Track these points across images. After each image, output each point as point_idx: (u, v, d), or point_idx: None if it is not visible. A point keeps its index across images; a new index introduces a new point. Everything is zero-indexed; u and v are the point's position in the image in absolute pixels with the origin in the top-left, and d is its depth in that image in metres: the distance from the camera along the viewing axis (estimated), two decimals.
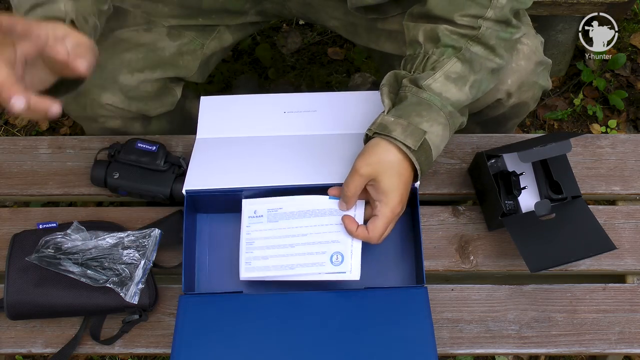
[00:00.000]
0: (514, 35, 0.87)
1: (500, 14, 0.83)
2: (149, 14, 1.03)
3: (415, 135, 0.80)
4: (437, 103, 0.82)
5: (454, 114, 0.84)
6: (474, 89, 0.85)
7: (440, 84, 0.83)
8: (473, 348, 0.88)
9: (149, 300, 0.87)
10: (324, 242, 0.87)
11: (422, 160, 0.81)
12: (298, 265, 0.86)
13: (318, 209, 0.88)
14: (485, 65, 0.85)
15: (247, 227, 0.89)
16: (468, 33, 0.83)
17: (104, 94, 0.99)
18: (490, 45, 0.84)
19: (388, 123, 0.81)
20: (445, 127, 0.83)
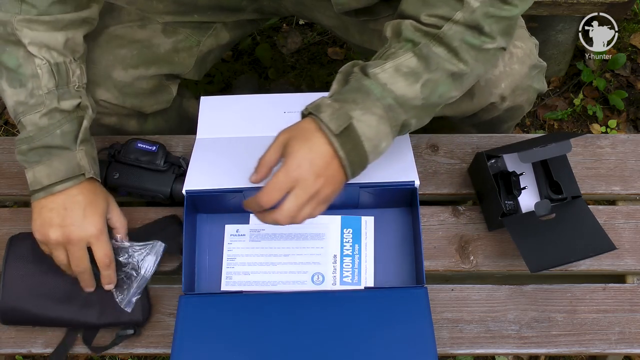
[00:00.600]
0: (486, 44, 0.80)
1: (471, 17, 0.77)
2: (144, 10, 1.03)
3: (340, 119, 0.75)
4: (377, 92, 0.77)
5: (394, 108, 0.78)
6: (427, 88, 0.79)
7: (389, 75, 0.78)
8: (473, 348, 0.87)
9: (142, 317, 0.87)
10: (305, 263, 0.89)
11: (348, 148, 0.76)
12: (280, 282, 0.89)
13: (300, 233, 0.92)
14: (444, 67, 0.79)
15: (228, 244, 0.92)
16: (430, 31, 0.78)
17: (98, 90, 0.99)
18: (453, 47, 0.78)
19: (322, 104, 0.77)
20: (381, 119, 0.77)
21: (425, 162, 1.01)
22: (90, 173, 0.83)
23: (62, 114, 0.83)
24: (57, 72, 0.83)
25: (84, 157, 0.83)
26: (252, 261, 0.91)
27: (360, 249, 0.92)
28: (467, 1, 0.77)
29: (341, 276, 0.90)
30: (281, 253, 0.91)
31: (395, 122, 0.79)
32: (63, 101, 0.83)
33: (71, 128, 0.83)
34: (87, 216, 0.82)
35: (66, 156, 0.82)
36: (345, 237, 0.92)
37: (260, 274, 0.90)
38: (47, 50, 0.82)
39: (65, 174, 0.82)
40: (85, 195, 0.83)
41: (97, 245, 0.83)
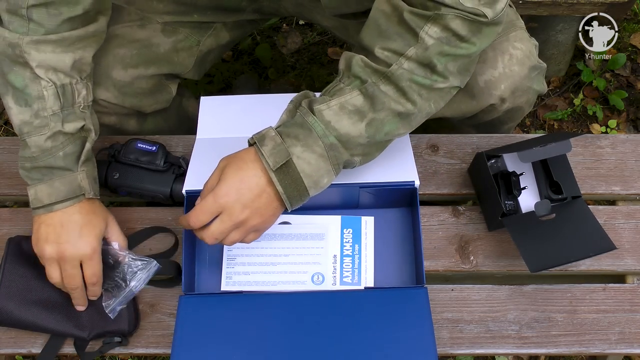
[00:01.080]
0: (437, 83, 0.78)
1: (424, 55, 0.75)
2: (143, 10, 1.03)
3: (279, 155, 0.76)
4: (319, 131, 0.76)
5: (335, 147, 0.77)
6: (372, 128, 0.78)
7: (333, 112, 0.77)
8: (473, 348, 0.87)
9: (127, 327, 0.87)
10: (305, 263, 0.89)
11: (286, 183, 0.77)
12: (280, 282, 0.89)
13: (300, 233, 0.92)
14: (390, 107, 0.77)
15: None
16: (380, 69, 0.77)
17: (98, 89, 0.99)
18: (400, 87, 0.77)
19: (267, 136, 0.77)
20: (321, 157, 0.77)
21: (425, 162, 1.01)
22: (90, 194, 0.85)
23: (65, 136, 0.84)
24: (62, 95, 0.83)
25: (85, 178, 0.85)
26: (252, 261, 0.91)
27: (360, 249, 0.92)
28: (422, 37, 0.75)
29: (341, 276, 0.90)
30: (281, 253, 0.91)
31: (336, 161, 0.78)
32: (67, 124, 0.84)
33: (74, 149, 0.84)
34: (82, 235, 0.83)
35: (68, 177, 0.84)
36: (345, 237, 0.92)
37: (260, 274, 0.90)
38: (54, 73, 0.83)
39: (66, 194, 0.83)
40: (83, 215, 0.84)
41: (88, 264, 0.84)
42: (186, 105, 1.25)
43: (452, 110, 1.04)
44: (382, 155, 0.92)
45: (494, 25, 0.77)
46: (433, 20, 0.74)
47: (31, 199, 0.84)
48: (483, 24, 0.75)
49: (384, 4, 0.78)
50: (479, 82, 0.97)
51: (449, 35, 0.75)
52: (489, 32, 0.77)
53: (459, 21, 0.74)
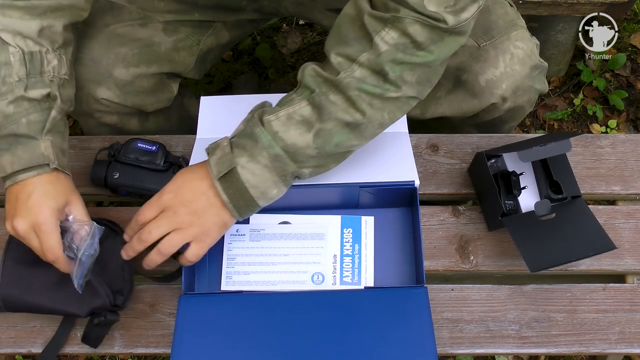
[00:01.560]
0: (389, 93, 0.75)
1: (376, 62, 0.73)
2: (144, 9, 1.03)
3: (224, 164, 0.77)
4: (265, 141, 0.76)
5: (281, 158, 0.77)
6: (320, 138, 0.77)
7: (281, 123, 0.77)
8: (473, 348, 0.87)
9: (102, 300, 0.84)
10: (305, 263, 0.89)
11: (230, 192, 0.77)
12: (280, 282, 0.89)
13: (300, 233, 0.92)
14: (337, 117, 0.76)
15: (228, 244, 0.92)
16: (329, 77, 0.75)
17: (99, 88, 0.99)
18: (348, 96, 0.75)
19: (220, 145, 0.79)
20: (266, 168, 0.77)
21: (425, 162, 1.01)
22: (54, 164, 0.80)
23: (30, 103, 0.80)
24: (29, 61, 0.80)
25: (50, 147, 0.80)
26: (252, 261, 0.91)
27: (360, 248, 0.92)
28: (376, 43, 0.73)
29: (341, 276, 0.90)
30: (281, 253, 0.91)
31: (282, 172, 0.78)
32: (32, 90, 0.80)
33: (39, 118, 0.81)
34: (31, 205, 0.78)
35: (30, 145, 0.79)
36: (345, 237, 0.92)
37: (260, 273, 0.90)
38: (22, 39, 0.80)
39: (29, 162, 0.79)
40: (39, 185, 0.79)
41: (40, 237, 0.78)
42: (187, 105, 1.25)
43: (453, 109, 1.04)
44: (382, 155, 0.92)
45: (456, 35, 0.74)
46: (391, 24, 0.72)
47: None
48: (444, 31, 0.72)
49: (350, 7, 0.77)
50: (480, 82, 0.97)
51: (407, 41, 0.72)
52: (451, 41, 0.75)
53: (418, 26, 0.72)
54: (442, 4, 0.71)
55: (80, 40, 0.98)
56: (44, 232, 0.78)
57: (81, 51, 0.98)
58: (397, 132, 0.95)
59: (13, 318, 0.90)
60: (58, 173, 0.82)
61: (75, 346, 0.88)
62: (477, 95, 0.99)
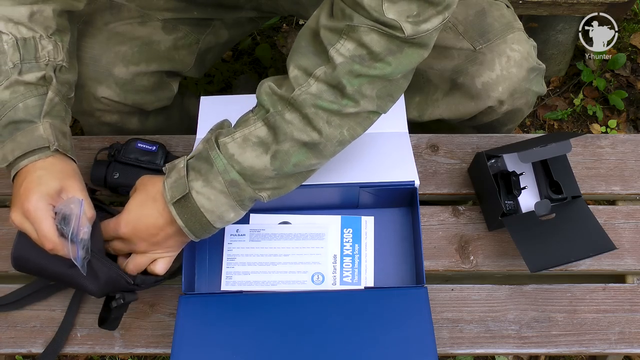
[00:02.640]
0: (348, 108, 0.72)
1: (332, 75, 0.70)
2: (144, 7, 1.03)
3: (178, 189, 0.74)
4: (219, 166, 0.73)
5: (236, 184, 0.74)
6: (277, 160, 0.74)
7: (237, 145, 0.74)
8: (473, 348, 0.87)
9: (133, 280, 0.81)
10: (305, 263, 0.89)
11: (186, 217, 0.75)
12: (280, 282, 0.89)
13: (300, 233, 0.92)
14: (294, 137, 0.72)
15: (228, 244, 0.92)
16: (284, 95, 0.72)
17: (99, 87, 0.99)
18: (305, 114, 0.71)
19: (176, 167, 0.76)
20: (222, 193, 0.74)
21: (425, 162, 1.01)
22: (54, 145, 0.77)
23: (26, 87, 0.78)
24: (22, 47, 0.79)
25: (49, 128, 0.78)
26: (252, 261, 0.91)
27: (360, 249, 0.92)
28: (332, 56, 0.69)
29: (341, 276, 0.90)
30: (281, 253, 0.91)
31: (239, 197, 0.75)
32: (26, 74, 0.79)
33: (36, 102, 0.79)
34: (22, 193, 0.75)
35: (29, 129, 0.77)
36: (345, 237, 0.92)
37: (260, 273, 0.90)
38: (14, 26, 0.79)
39: (28, 146, 0.76)
40: (32, 172, 0.76)
41: (34, 225, 0.74)
42: (187, 104, 1.25)
43: (451, 112, 1.04)
44: (382, 155, 0.92)
45: (417, 47, 0.71)
46: (346, 34, 0.69)
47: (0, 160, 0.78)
48: (402, 41, 0.69)
49: (311, 20, 0.74)
50: (477, 84, 0.97)
51: (363, 52, 0.69)
52: (411, 53, 0.71)
53: (374, 35, 0.68)
54: (403, 13, 0.67)
55: (80, 39, 0.98)
56: (34, 219, 0.74)
57: (81, 50, 0.98)
58: (397, 132, 0.95)
59: (13, 318, 0.90)
60: (60, 157, 0.79)
61: (75, 346, 0.88)
62: (474, 98, 0.99)
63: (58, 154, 0.78)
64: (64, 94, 0.84)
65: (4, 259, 0.93)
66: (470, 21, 0.97)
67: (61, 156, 0.79)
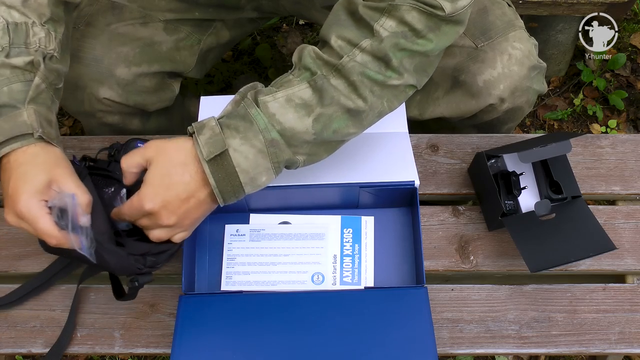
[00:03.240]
0: (391, 80, 0.74)
1: (378, 47, 0.72)
2: (145, 8, 1.03)
3: (215, 145, 0.71)
4: (261, 124, 0.72)
5: (277, 144, 0.72)
6: (319, 124, 0.73)
7: (279, 105, 0.72)
8: (473, 348, 0.87)
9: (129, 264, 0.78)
10: (306, 263, 0.89)
11: (219, 177, 0.72)
12: (280, 282, 0.89)
13: (300, 233, 0.92)
14: (339, 102, 0.73)
15: (228, 244, 0.92)
16: (331, 61, 0.72)
17: (101, 88, 0.99)
18: (352, 81, 0.73)
19: (207, 125, 0.72)
20: (260, 153, 0.72)
21: (425, 162, 1.01)
22: (38, 132, 0.73)
23: (12, 71, 0.75)
24: (13, 30, 0.76)
25: (33, 115, 0.74)
26: (252, 261, 0.91)
27: (360, 249, 0.92)
28: (377, 30, 0.72)
29: (341, 276, 0.90)
30: (281, 253, 0.91)
31: (277, 159, 0.73)
32: (14, 57, 0.76)
33: (22, 88, 0.75)
34: (11, 194, 0.72)
35: (12, 114, 0.74)
36: (345, 237, 0.92)
37: (260, 274, 0.90)
38: (7, 9, 0.77)
39: (10, 132, 0.73)
40: (15, 167, 0.73)
41: (33, 226, 0.72)
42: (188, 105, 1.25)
43: (452, 110, 1.04)
44: (382, 155, 0.92)
45: (453, 24, 0.74)
46: (388, 12, 0.71)
47: None
48: (441, 19, 0.72)
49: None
50: (478, 82, 0.97)
51: (405, 29, 0.72)
52: (449, 30, 0.74)
53: (415, 13, 0.71)
54: None
55: (82, 40, 0.98)
56: (30, 220, 0.71)
57: (83, 51, 0.98)
58: (397, 132, 0.95)
59: (13, 318, 0.90)
60: (43, 145, 0.75)
61: (75, 346, 0.88)
62: (475, 95, 0.99)
63: (42, 141, 0.75)
64: (52, 81, 0.80)
65: (4, 258, 0.94)
66: (472, 19, 0.97)
67: (44, 144, 0.75)
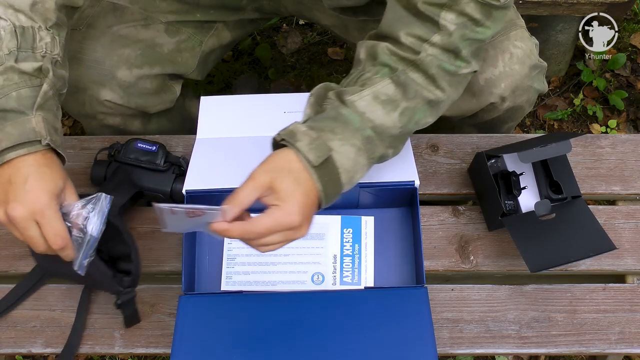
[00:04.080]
0: (462, 69, 0.78)
1: (448, 41, 0.75)
2: (147, 10, 1.03)
3: (320, 150, 0.71)
4: (356, 123, 0.74)
5: (372, 140, 0.75)
6: (405, 117, 0.76)
7: (366, 102, 0.74)
8: (473, 348, 0.87)
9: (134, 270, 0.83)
10: (305, 263, 0.89)
11: (325, 180, 0.72)
12: (280, 282, 0.89)
13: None
14: (422, 94, 0.77)
15: (228, 244, 0.92)
16: (408, 57, 0.75)
17: (103, 90, 0.99)
18: (430, 75, 0.76)
19: (297, 131, 0.72)
20: (359, 151, 0.74)
21: (425, 162, 1.01)
22: (46, 139, 0.74)
23: (20, 76, 0.76)
24: (20, 35, 0.76)
25: (41, 122, 0.75)
26: (252, 261, 0.91)
27: (360, 249, 0.92)
28: (444, 25, 0.75)
29: (341, 276, 0.90)
30: (281, 253, 0.91)
31: (372, 154, 0.76)
32: (22, 62, 0.76)
33: (30, 94, 0.76)
34: (29, 190, 0.71)
35: (20, 120, 0.74)
36: (345, 237, 0.92)
37: (260, 274, 0.90)
38: (14, 12, 0.77)
39: (18, 138, 0.73)
40: (35, 167, 0.73)
41: (43, 223, 0.72)
42: (189, 106, 1.25)
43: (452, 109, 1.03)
44: None
45: (503, 9, 0.77)
46: (448, 7, 0.74)
47: None
48: (494, 7, 0.76)
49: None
50: (479, 81, 0.97)
51: (465, 20, 0.75)
52: (501, 15, 0.78)
53: (473, 5, 0.74)
54: None
55: (83, 41, 0.98)
56: (48, 219, 0.72)
57: (84, 53, 0.98)
58: None
59: (13, 318, 0.90)
60: (50, 153, 0.76)
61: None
62: (476, 94, 0.99)
63: (49, 149, 0.75)
64: (58, 88, 0.81)
65: (4, 258, 0.94)
66: None
67: (52, 153, 0.76)
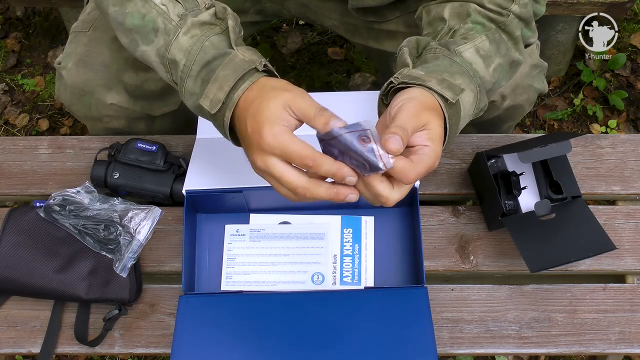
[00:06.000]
0: (529, 39, 0.83)
1: (524, 11, 0.80)
2: None
3: (452, 89, 0.70)
4: (470, 71, 0.74)
5: (481, 90, 0.76)
6: (497, 73, 0.78)
7: (470, 54, 0.75)
8: (473, 348, 0.88)
9: (129, 295, 0.87)
10: (306, 263, 0.89)
11: (452, 122, 0.70)
12: (280, 282, 0.89)
13: (300, 233, 0.92)
14: (510, 54, 0.80)
15: (228, 244, 0.92)
16: (496, 18, 0.79)
17: (109, 93, 0.99)
18: (515, 37, 0.80)
19: (419, 75, 0.70)
20: (474, 99, 0.74)
21: None
22: (262, 63, 0.70)
23: (202, 28, 0.73)
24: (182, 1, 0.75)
25: (247, 51, 0.71)
26: (252, 261, 0.91)
27: (360, 249, 0.92)
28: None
29: (341, 276, 0.90)
30: (281, 253, 0.91)
31: (479, 105, 0.76)
32: (197, 17, 0.74)
33: (220, 38, 0.74)
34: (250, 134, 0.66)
35: (226, 59, 0.70)
36: (345, 237, 0.92)
37: (260, 273, 0.90)
38: None
39: (234, 73, 0.69)
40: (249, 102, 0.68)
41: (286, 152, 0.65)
42: None
43: None
44: None
45: None
46: None
47: (212, 113, 0.70)
48: None
49: None
50: None
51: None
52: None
53: None
54: None
55: (90, 45, 0.98)
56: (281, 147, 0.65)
57: (92, 57, 0.98)
58: None
59: (13, 318, 0.90)
60: (268, 78, 0.71)
61: (75, 346, 0.88)
62: None
63: (265, 74, 0.71)
64: (237, 21, 0.78)
65: None
66: None
67: (267, 77, 0.71)
